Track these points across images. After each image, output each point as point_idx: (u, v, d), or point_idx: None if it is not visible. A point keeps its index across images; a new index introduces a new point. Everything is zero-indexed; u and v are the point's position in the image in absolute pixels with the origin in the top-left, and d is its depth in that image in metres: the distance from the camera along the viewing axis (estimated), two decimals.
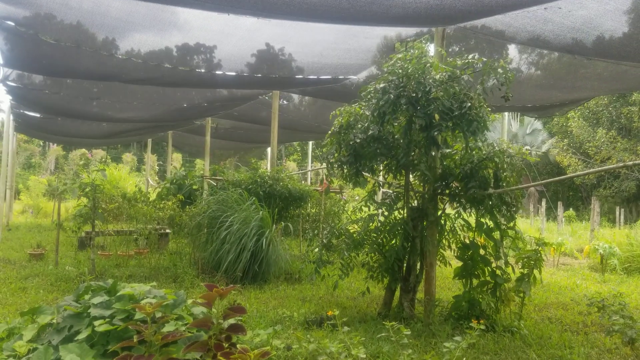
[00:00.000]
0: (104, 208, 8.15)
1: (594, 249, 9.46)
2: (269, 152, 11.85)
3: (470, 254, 5.37)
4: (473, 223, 5.47)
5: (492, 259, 5.31)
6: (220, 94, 9.73)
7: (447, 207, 5.82)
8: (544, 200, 17.15)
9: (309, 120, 12.20)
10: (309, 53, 7.02)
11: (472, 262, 5.35)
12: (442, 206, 5.61)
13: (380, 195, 9.20)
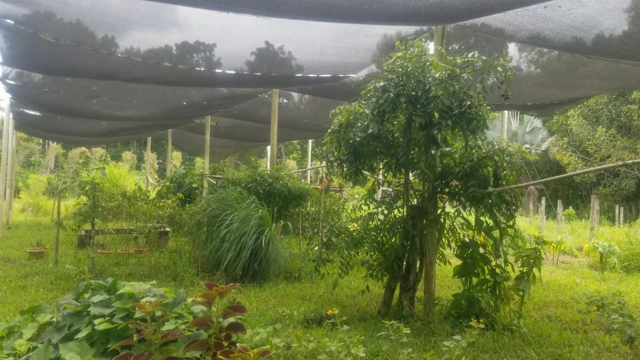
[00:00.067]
0: (103, 206, 8.15)
1: (594, 248, 9.47)
2: (269, 150, 11.85)
3: (469, 253, 5.37)
4: (473, 221, 5.47)
5: (491, 258, 5.31)
6: (219, 92, 9.73)
7: (447, 205, 5.82)
8: (544, 198, 17.15)
9: (308, 118, 12.20)
10: (308, 51, 7.01)
11: (472, 261, 5.35)
12: (441, 205, 5.61)
13: (379, 194, 9.21)
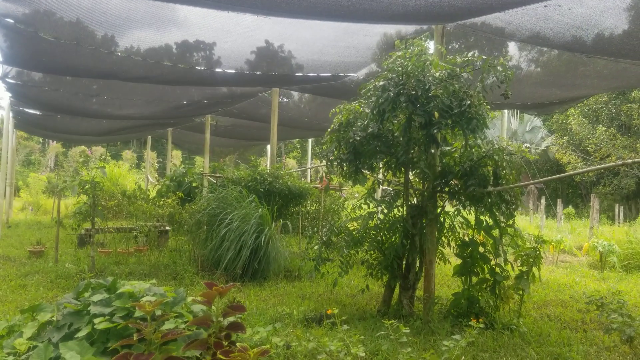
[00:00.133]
0: (103, 205, 8.16)
1: (593, 247, 9.47)
2: (269, 149, 11.85)
3: (469, 252, 5.37)
4: (472, 221, 5.47)
5: (491, 257, 5.32)
6: (219, 91, 9.73)
7: (447, 204, 5.82)
8: (544, 197, 17.15)
9: (308, 117, 12.20)
10: (308, 50, 7.01)
11: (472, 260, 5.35)
12: (441, 204, 5.62)
13: (379, 193, 9.22)
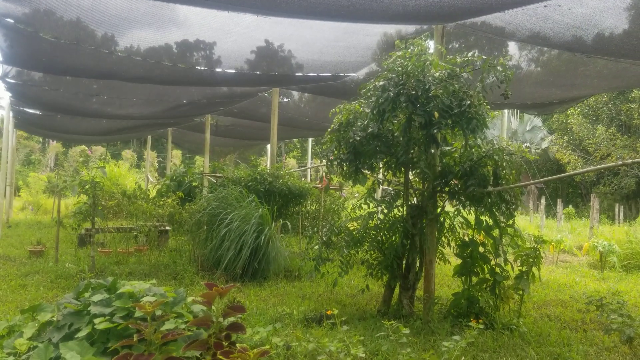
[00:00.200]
0: (103, 205, 8.16)
1: (593, 247, 9.47)
2: (269, 149, 11.85)
3: (469, 252, 5.38)
4: (472, 221, 5.47)
5: (491, 257, 5.32)
6: (219, 90, 9.73)
7: (447, 204, 5.82)
8: (544, 197, 17.16)
9: (308, 117, 12.20)
10: (308, 50, 7.01)
11: (472, 260, 5.35)
12: (441, 204, 5.62)
13: (379, 193, 9.22)
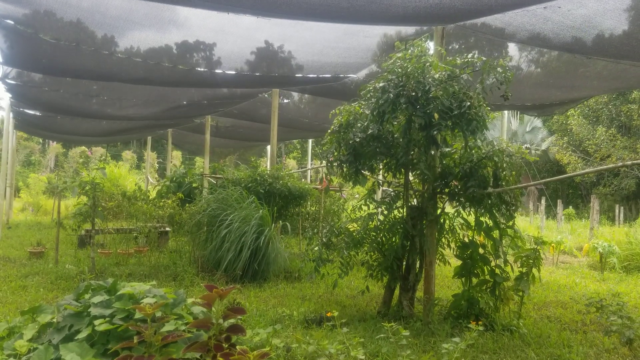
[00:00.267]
0: (103, 206, 8.16)
1: (593, 248, 9.47)
2: (269, 150, 11.85)
3: (469, 253, 5.38)
4: (472, 222, 5.47)
5: (491, 258, 5.32)
6: (220, 91, 9.74)
7: (447, 206, 5.82)
8: (544, 198, 17.15)
9: (308, 118, 12.21)
10: (308, 52, 7.02)
11: (472, 261, 5.36)
12: (441, 205, 5.62)
13: (379, 194, 9.22)
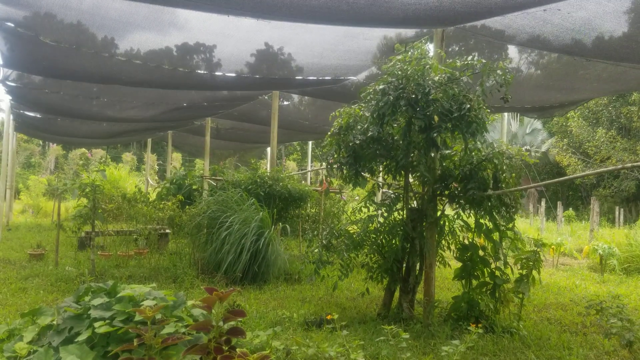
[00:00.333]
0: (103, 208, 8.16)
1: (593, 249, 9.47)
2: (269, 152, 11.86)
3: (469, 255, 5.38)
4: (472, 224, 5.47)
5: (491, 260, 5.32)
6: (220, 93, 9.75)
7: (447, 208, 5.83)
8: (544, 200, 17.16)
9: (308, 120, 12.22)
10: (308, 54, 7.02)
11: (472, 263, 5.36)
12: (441, 207, 5.62)
13: (379, 196, 9.22)
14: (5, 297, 5.99)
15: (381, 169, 5.78)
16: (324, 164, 5.75)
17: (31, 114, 12.32)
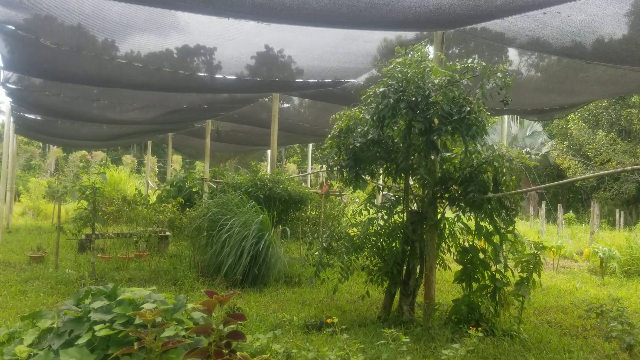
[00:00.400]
0: (104, 211, 8.15)
1: (594, 252, 9.46)
2: (269, 154, 11.86)
3: (469, 258, 5.37)
4: (472, 227, 5.47)
5: (491, 263, 5.31)
6: (220, 96, 9.76)
7: (447, 210, 5.82)
8: (544, 202, 17.16)
9: (309, 122, 12.23)
10: (309, 56, 7.04)
11: (472, 266, 5.35)
12: (441, 210, 5.62)
13: (380, 199, 9.22)
14: (5, 299, 5.98)
15: (381, 172, 5.78)
16: (324, 166, 5.75)
17: (31, 116, 12.33)
